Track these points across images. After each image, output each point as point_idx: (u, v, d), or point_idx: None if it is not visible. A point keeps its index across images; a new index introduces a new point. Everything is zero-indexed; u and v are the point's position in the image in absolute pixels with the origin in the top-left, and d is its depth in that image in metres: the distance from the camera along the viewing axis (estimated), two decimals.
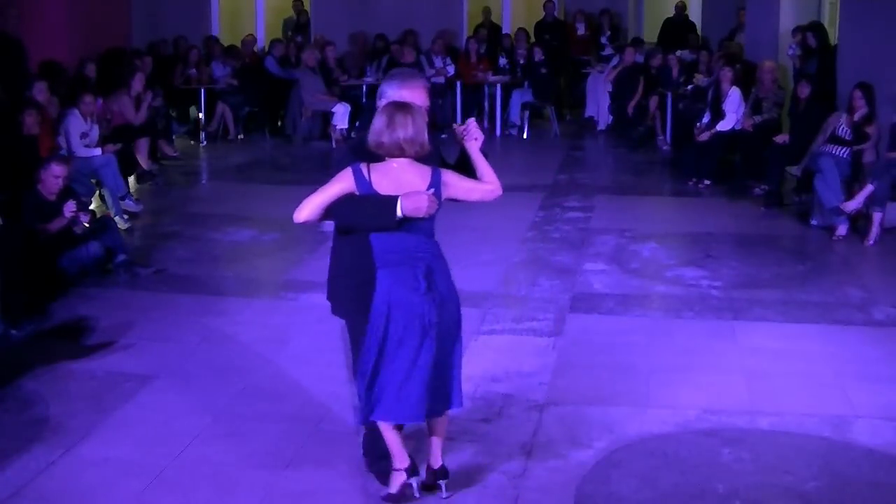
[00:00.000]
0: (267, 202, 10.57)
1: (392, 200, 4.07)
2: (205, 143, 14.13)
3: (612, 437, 5.01)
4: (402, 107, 4.17)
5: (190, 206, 10.53)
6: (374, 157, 4.17)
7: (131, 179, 11.02)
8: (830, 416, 5.28)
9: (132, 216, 9.75)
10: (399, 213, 4.07)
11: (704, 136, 11.36)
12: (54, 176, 7.72)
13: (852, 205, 8.78)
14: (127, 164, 10.73)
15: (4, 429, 5.13)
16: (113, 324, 6.72)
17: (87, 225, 7.91)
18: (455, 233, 9.06)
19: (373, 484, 4.54)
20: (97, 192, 9.80)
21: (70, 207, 7.66)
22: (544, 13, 16.54)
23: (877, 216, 8.69)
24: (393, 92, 4.31)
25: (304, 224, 4.18)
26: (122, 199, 9.85)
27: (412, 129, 4.12)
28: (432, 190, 4.14)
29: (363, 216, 4.14)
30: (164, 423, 5.20)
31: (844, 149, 9.42)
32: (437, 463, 4.43)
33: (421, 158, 4.20)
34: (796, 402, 5.46)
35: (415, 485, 4.37)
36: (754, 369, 5.92)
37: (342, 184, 4.12)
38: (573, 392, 5.60)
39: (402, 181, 4.13)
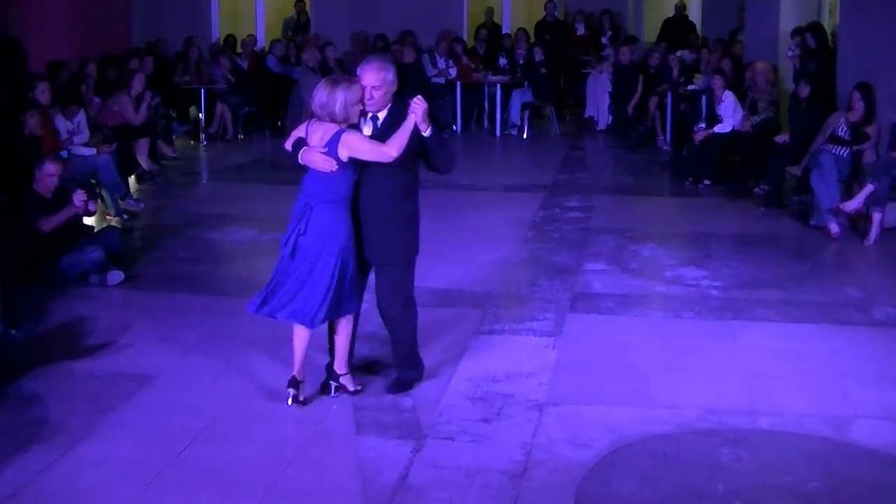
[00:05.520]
0: (267, 202, 10.57)
1: (300, 149, 5.24)
2: (205, 143, 14.13)
3: (612, 437, 5.01)
4: (329, 80, 5.32)
5: (190, 206, 10.52)
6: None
7: (131, 179, 11.03)
8: (830, 416, 5.28)
9: (132, 216, 9.75)
10: (299, 160, 5.23)
11: (700, 136, 11.38)
12: (49, 174, 7.74)
13: (852, 205, 8.78)
14: (127, 164, 10.74)
15: (4, 429, 5.12)
16: (113, 324, 6.72)
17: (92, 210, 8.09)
18: (455, 232, 9.09)
19: (373, 485, 4.55)
20: (97, 191, 9.80)
21: (80, 196, 7.70)
22: (545, 13, 16.55)
23: (877, 216, 8.69)
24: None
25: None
26: (123, 198, 9.86)
27: (324, 98, 5.17)
28: (325, 149, 5.14)
29: (291, 153, 5.29)
30: (164, 423, 5.20)
31: (844, 149, 9.42)
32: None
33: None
34: (796, 402, 5.46)
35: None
36: (754, 369, 5.92)
37: (300, 129, 5.35)
38: (573, 392, 5.60)
39: (312, 137, 5.23)
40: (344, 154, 5.13)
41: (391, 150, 5.09)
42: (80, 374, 5.86)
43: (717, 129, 11.37)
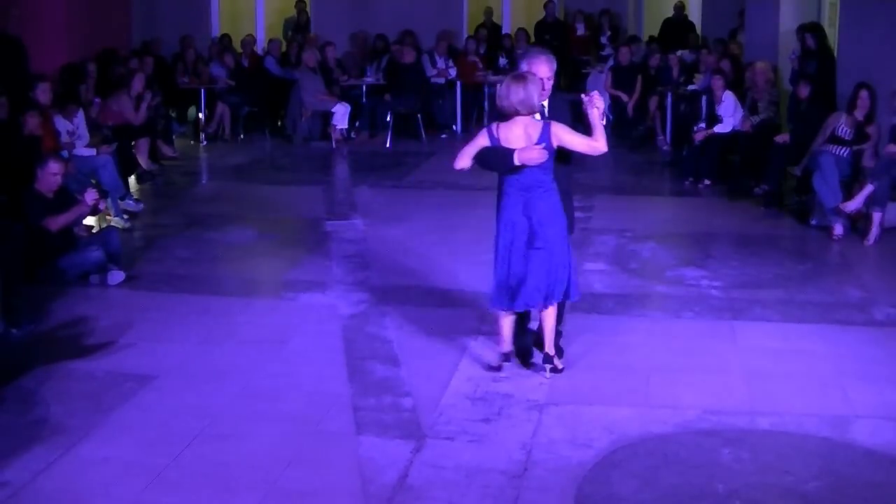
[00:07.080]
0: (267, 202, 10.58)
1: (510, 152, 5.50)
2: (205, 143, 14.13)
3: (612, 437, 5.01)
4: (517, 77, 5.59)
5: (190, 206, 10.52)
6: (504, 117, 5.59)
7: (131, 179, 11.03)
8: (830, 416, 5.28)
9: (132, 216, 9.75)
10: (516, 161, 5.50)
11: (700, 136, 11.39)
12: (52, 174, 7.75)
13: (852, 205, 8.78)
14: (127, 164, 10.74)
15: (4, 429, 5.12)
16: (113, 324, 6.72)
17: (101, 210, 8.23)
18: (456, 232, 9.09)
19: (373, 485, 4.55)
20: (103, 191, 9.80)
21: (92, 195, 7.71)
22: (545, 13, 16.55)
23: (876, 216, 8.69)
24: (522, 66, 5.77)
25: (462, 170, 5.71)
26: (122, 199, 9.86)
27: (522, 94, 5.47)
28: (543, 144, 5.50)
29: (491, 163, 5.66)
30: (164, 423, 5.20)
31: (845, 149, 9.42)
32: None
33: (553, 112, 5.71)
34: (796, 402, 5.46)
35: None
36: (754, 369, 5.92)
37: (481, 139, 5.63)
38: (573, 392, 5.60)
39: (515, 135, 5.53)
40: (555, 143, 5.54)
41: (602, 145, 5.57)
42: (80, 374, 5.86)
43: (717, 129, 11.37)
